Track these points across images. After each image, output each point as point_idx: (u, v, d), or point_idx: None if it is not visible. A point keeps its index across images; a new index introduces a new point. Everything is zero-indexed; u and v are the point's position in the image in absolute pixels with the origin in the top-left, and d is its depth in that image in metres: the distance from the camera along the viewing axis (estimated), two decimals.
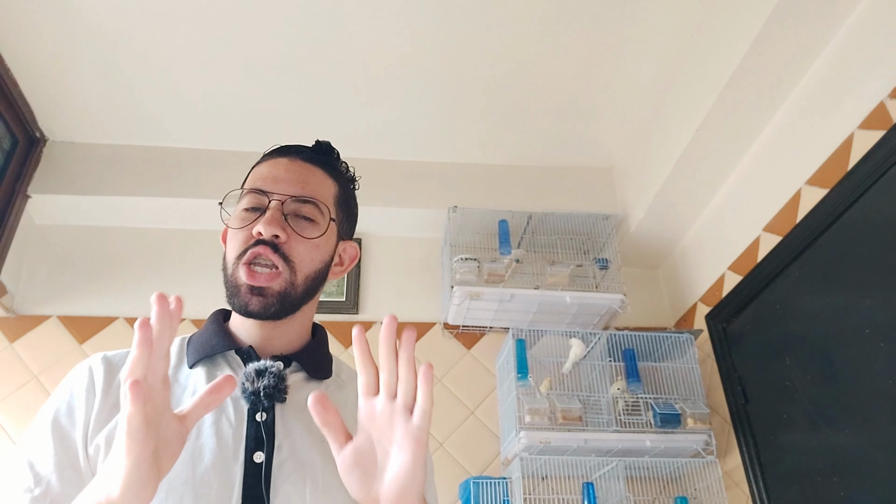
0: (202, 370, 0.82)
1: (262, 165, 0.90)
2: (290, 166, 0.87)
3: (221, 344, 0.84)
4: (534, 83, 2.16)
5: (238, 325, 0.87)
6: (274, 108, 2.23)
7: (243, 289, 0.80)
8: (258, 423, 0.77)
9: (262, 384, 0.77)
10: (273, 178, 0.85)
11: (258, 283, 0.80)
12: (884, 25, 1.56)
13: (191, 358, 0.84)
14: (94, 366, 0.81)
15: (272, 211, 0.82)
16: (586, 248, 2.39)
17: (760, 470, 1.89)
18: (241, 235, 0.82)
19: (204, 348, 0.84)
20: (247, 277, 0.80)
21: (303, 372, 0.86)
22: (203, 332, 0.88)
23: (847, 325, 1.61)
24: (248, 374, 0.78)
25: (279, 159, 0.89)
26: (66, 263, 2.24)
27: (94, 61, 2.02)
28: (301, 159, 0.89)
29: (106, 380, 0.79)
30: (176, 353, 0.85)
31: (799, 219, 1.80)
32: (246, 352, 0.84)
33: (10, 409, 1.96)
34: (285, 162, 0.88)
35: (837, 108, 1.69)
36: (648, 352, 2.14)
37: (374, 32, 1.97)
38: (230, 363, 0.84)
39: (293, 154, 0.90)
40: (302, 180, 0.86)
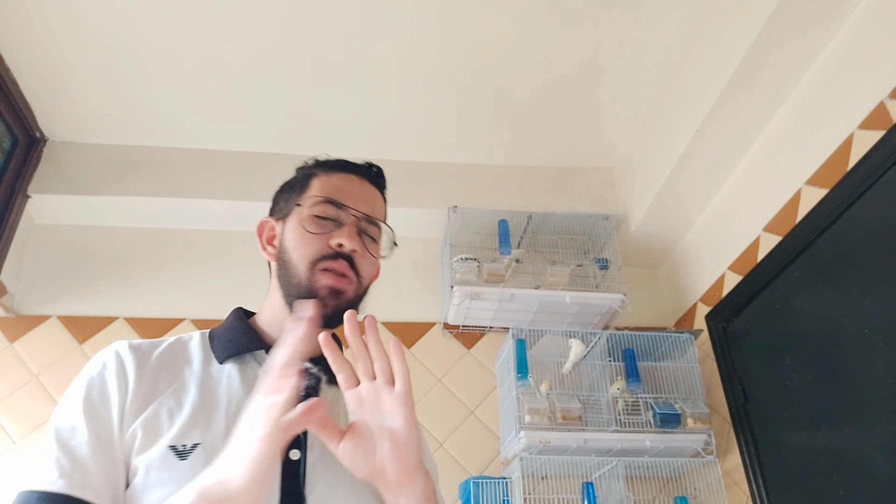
0: (234, 367, 0.83)
1: (332, 177, 0.92)
2: (362, 186, 0.92)
3: (252, 342, 0.86)
4: (534, 83, 2.16)
5: (272, 324, 0.88)
6: (274, 108, 2.23)
7: (324, 291, 0.83)
8: None
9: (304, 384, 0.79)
10: (349, 194, 0.89)
11: (340, 286, 0.83)
12: (884, 25, 1.56)
13: (221, 354, 0.84)
14: (122, 352, 0.80)
15: (351, 226, 0.86)
16: (586, 248, 2.39)
17: (760, 469, 1.89)
18: (318, 242, 0.85)
19: (234, 345, 0.85)
20: (332, 280, 0.83)
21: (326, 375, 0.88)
22: (228, 329, 0.89)
23: (847, 325, 1.61)
24: None
25: (350, 176, 0.93)
26: (66, 263, 2.24)
27: (94, 61, 2.02)
28: (368, 181, 0.94)
29: (138, 367, 0.79)
30: (201, 348, 0.86)
31: (799, 219, 1.80)
32: None
33: (10, 410, 1.96)
34: (357, 181, 0.93)
35: (837, 108, 1.69)
36: (648, 352, 2.14)
37: (375, 32, 1.97)
38: (260, 362, 0.85)
39: (361, 174, 0.94)
40: (372, 202, 0.92)
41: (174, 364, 0.82)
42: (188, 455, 0.72)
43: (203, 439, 0.73)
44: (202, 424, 0.75)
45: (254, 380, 0.81)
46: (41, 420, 1.95)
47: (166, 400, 0.77)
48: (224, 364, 0.83)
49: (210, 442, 0.73)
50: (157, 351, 0.83)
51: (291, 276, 0.85)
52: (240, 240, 2.35)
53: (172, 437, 0.73)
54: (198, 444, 0.73)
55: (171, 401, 0.77)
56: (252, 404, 0.67)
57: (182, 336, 0.88)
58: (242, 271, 2.27)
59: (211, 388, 0.80)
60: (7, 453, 1.90)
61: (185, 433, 0.73)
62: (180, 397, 0.77)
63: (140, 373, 0.78)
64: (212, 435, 0.74)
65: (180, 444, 0.72)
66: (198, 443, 0.73)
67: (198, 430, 0.74)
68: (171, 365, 0.82)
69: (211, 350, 0.86)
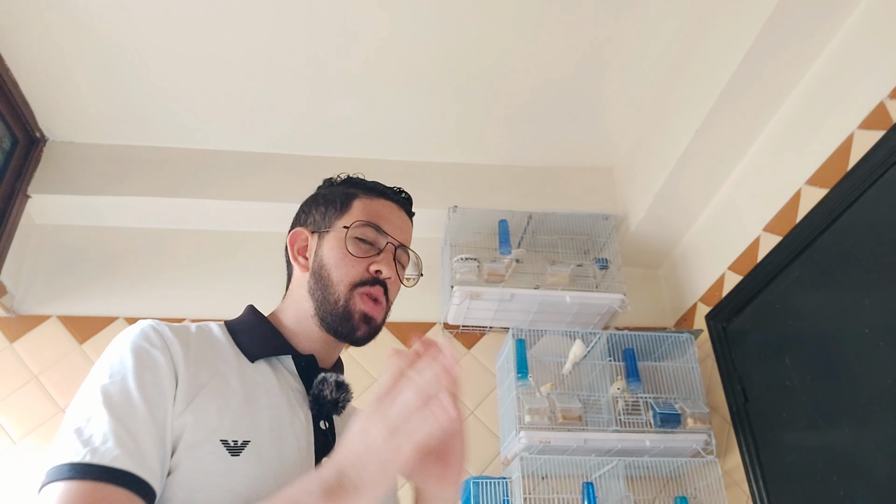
0: (267, 368, 0.82)
1: (374, 203, 0.94)
2: (400, 216, 0.96)
3: (282, 347, 0.86)
4: (534, 83, 2.16)
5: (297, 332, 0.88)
6: (274, 108, 2.23)
7: (358, 316, 0.86)
8: (323, 430, 0.81)
9: (342, 396, 0.83)
10: (389, 222, 0.93)
11: (374, 314, 0.87)
12: (884, 25, 1.56)
13: (251, 352, 0.82)
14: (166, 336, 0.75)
15: (389, 254, 0.90)
16: (586, 248, 2.39)
17: (760, 469, 1.89)
18: (360, 265, 0.88)
19: (265, 346, 0.84)
20: (369, 308, 0.87)
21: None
22: (253, 327, 0.86)
23: (847, 325, 1.61)
24: (330, 384, 0.83)
25: (390, 203, 0.96)
26: (66, 263, 2.24)
27: (94, 61, 2.02)
28: (404, 211, 0.98)
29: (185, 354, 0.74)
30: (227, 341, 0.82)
31: (799, 219, 1.80)
32: (307, 359, 0.86)
33: (10, 410, 1.96)
34: (395, 209, 0.96)
35: (837, 108, 1.69)
36: (648, 352, 2.14)
37: (374, 33, 1.97)
38: (287, 367, 0.84)
39: (400, 203, 0.97)
40: (406, 230, 0.96)
41: (208, 353, 0.78)
42: (240, 452, 0.70)
43: (252, 437, 0.72)
44: (249, 422, 0.73)
45: (287, 385, 0.82)
46: (41, 420, 1.95)
47: (212, 391, 0.73)
48: (256, 363, 0.81)
49: (258, 441, 0.72)
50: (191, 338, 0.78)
51: (329, 294, 0.86)
52: (240, 240, 2.35)
53: (224, 432, 0.70)
54: (248, 442, 0.71)
55: (217, 392, 0.74)
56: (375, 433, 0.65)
57: (203, 325, 0.84)
58: (243, 271, 2.27)
59: (250, 386, 0.77)
60: (7, 453, 1.90)
61: (234, 429, 0.71)
62: (224, 390, 0.75)
63: (186, 361, 0.74)
64: (259, 434, 0.73)
65: (231, 440, 0.70)
66: (248, 440, 0.71)
67: (244, 426, 0.72)
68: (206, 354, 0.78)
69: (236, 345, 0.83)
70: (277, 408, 0.77)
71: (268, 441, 0.73)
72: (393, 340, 2.23)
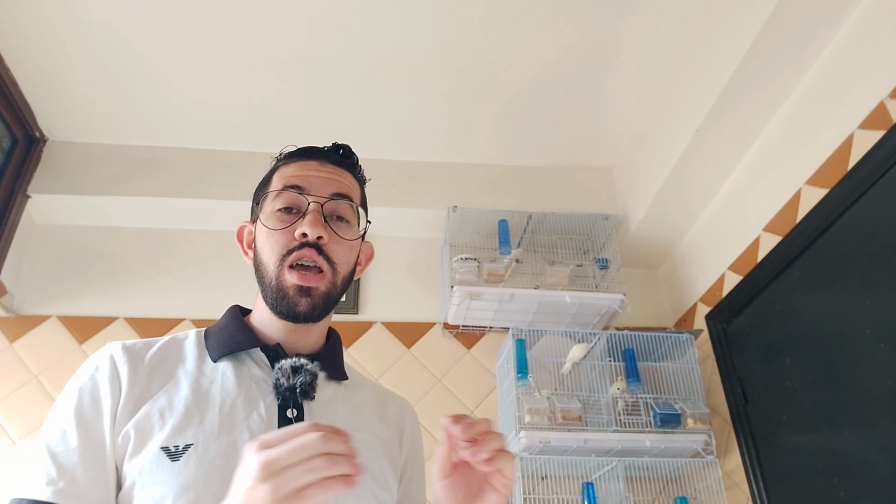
0: (228, 365, 0.81)
1: (290, 166, 0.89)
2: (321, 168, 0.88)
3: (247, 341, 0.84)
4: (534, 83, 2.16)
5: (263, 322, 0.86)
6: (274, 108, 2.23)
7: (292, 290, 0.80)
8: (289, 419, 0.77)
9: (299, 380, 0.78)
10: (307, 179, 0.85)
11: (307, 283, 0.80)
12: (884, 26, 1.56)
13: (215, 352, 0.83)
14: (115, 354, 0.79)
15: (314, 213, 0.82)
16: (586, 248, 2.39)
17: (760, 470, 1.89)
18: (283, 237, 0.82)
19: (228, 344, 0.84)
20: (297, 279, 0.80)
21: (324, 372, 0.86)
22: (223, 327, 0.87)
23: (847, 325, 1.61)
24: (284, 369, 0.78)
25: (308, 162, 0.89)
26: (66, 263, 2.24)
27: (94, 61, 2.02)
28: (330, 162, 0.89)
29: (131, 369, 0.77)
30: (196, 346, 0.84)
31: (799, 219, 1.80)
32: (273, 349, 0.84)
33: (10, 409, 1.96)
34: (315, 164, 0.88)
35: (837, 108, 1.69)
36: (648, 352, 2.14)
37: (374, 32, 1.97)
38: (255, 360, 0.83)
39: (321, 157, 0.90)
40: (336, 181, 0.87)
41: (168, 364, 0.81)
42: (180, 456, 0.71)
43: (196, 439, 0.72)
44: (195, 424, 0.74)
45: (248, 378, 0.81)
46: (41, 420, 1.94)
47: (158, 400, 0.75)
48: (218, 362, 0.82)
49: (203, 442, 0.72)
50: (150, 351, 0.81)
51: (264, 277, 0.83)
52: None
53: (164, 438, 0.72)
54: (190, 445, 0.72)
55: (163, 401, 0.76)
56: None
57: (177, 335, 0.87)
58: (242, 271, 2.26)
59: (204, 387, 0.78)
60: (7, 453, 1.90)
61: (177, 433, 0.72)
62: (172, 397, 0.76)
63: (133, 374, 0.77)
64: (205, 434, 0.73)
65: (172, 445, 0.71)
66: (190, 443, 0.72)
67: (190, 429, 0.73)
68: (165, 365, 0.80)
69: (206, 348, 0.84)
70: (232, 404, 0.77)
71: (215, 440, 0.73)
72: (393, 340, 2.23)
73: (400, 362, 2.20)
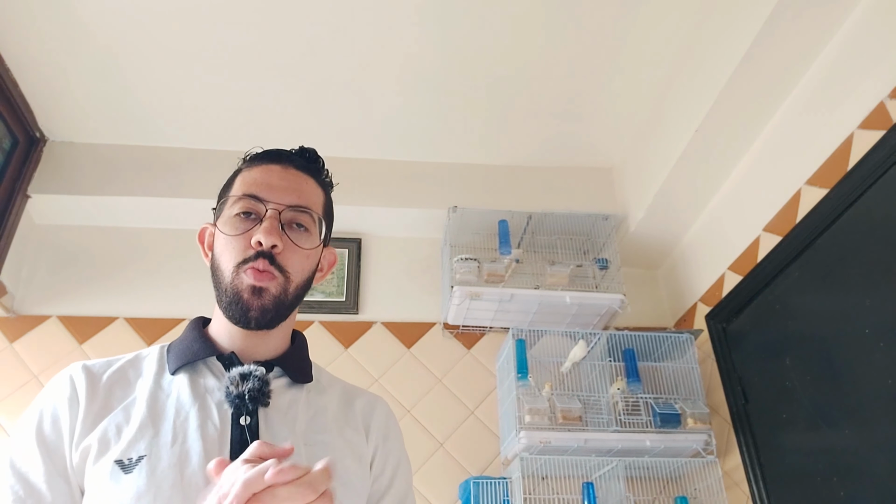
0: (185, 377, 0.82)
1: (252, 171, 0.88)
2: (283, 174, 0.87)
3: (203, 350, 0.84)
4: (534, 83, 2.16)
5: (220, 331, 0.87)
6: (273, 108, 2.23)
7: (246, 293, 0.80)
8: (242, 426, 0.77)
9: (247, 387, 0.77)
10: (268, 186, 0.85)
11: (260, 282, 0.80)
12: (884, 25, 1.56)
13: (172, 364, 0.84)
14: (74, 374, 0.82)
15: (270, 220, 0.82)
16: (586, 249, 2.39)
17: (760, 470, 1.89)
18: (239, 243, 0.82)
19: (185, 355, 0.84)
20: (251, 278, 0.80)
21: (285, 377, 0.86)
22: (183, 339, 0.88)
23: (847, 325, 1.61)
24: (233, 377, 0.78)
25: (271, 166, 0.88)
26: (66, 263, 2.24)
27: (93, 61, 2.02)
28: (294, 167, 0.89)
29: (89, 387, 0.80)
30: (157, 361, 0.85)
31: (799, 219, 1.80)
32: (228, 358, 0.84)
33: (10, 410, 1.96)
34: (278, 169, 0.88)
35: (837, 108, 1.69)
36: (648, 352, 2.14)
37: (374, 33, 1.97)
38: (212, 370, 0.84)
39: (284, 161, 0.89)
40: (297, 189, 0.86)
41: (127, 380, 0.82)
42: (133, 468, 0.72)
43: (149, 451, 0.73)
44: (149, 436, 0.75)
45: (202, 388, 0.81)
46: None
47: (116, 416, 0.77)
48: (176, 374, 0.83)
49: (156, 453, 0.73)
50: (111, 369, 0.83)
51: (220, 281, 0.83)
52: None
53: (119, 452, 0.73)
54: (143, 457, 0.73)
55: (120, 416, 0.77)
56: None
57: (141, 352, 0.88)
58: None
59: (161, 401, 0.79)
60: None
61: (131, 446, 0.73)
62: (130, 412, 0.78)
63: (91, 393, 0.79)
64: (158, 446, 0.74)
65: (126, 458, 0.72)
66: (143, 455, 0.73)
67: (143, 442, 0.74)
68: (125, 381, 0.82)
69: (166, 362, 0.85)
70: (186, 415, 0.77)
71: (168, 451, 0.73)
72: (393, 340, 2.23)
73: (400, 362, 2.20)
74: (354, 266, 2.35)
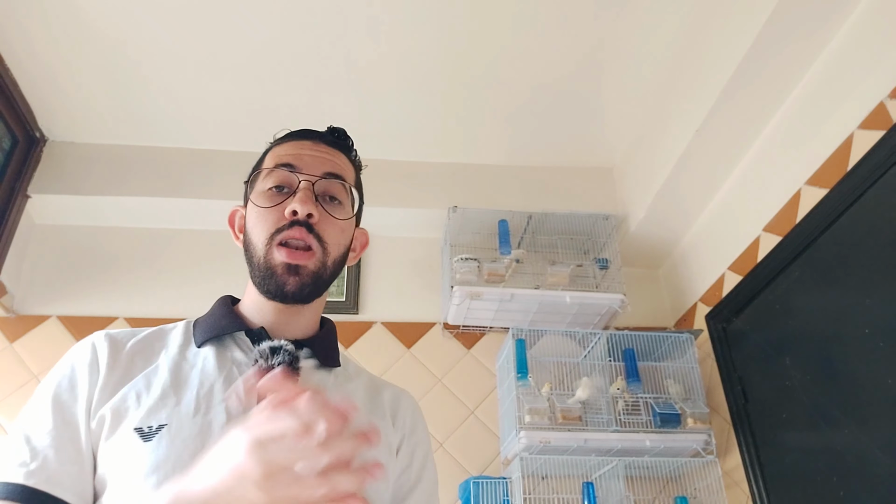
0: (211, 350, 0.81)
1: (283, 146, 0.88)
2: (315, 147, 0.87)
3: (232, 325, 0.83)
4: (534, 83, 2.16)
5: (251, 308, 0.86)
6: (273, 108, 2.23)
7: (280, 268, 0.79)
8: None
9: (277, 360, 0.77)
10: (300, 157, 0.84)
11: (296, 261, 0.79)
12: (884, 25, 1.56)
13: (199, 337, 0.83)
14: (97, 342, 0.80)
15: (305, 190, 0.81)
16: (586, 248, 2.39)
17: (760, 470, 1.89)
18: (273, 215, 0.81)
19: (213, 328, 0.83)
20: (286, 256, 0.79)
21: (314, 359, 0.85)
22: (210, 314, 0.87)
23: (847, 325, 1.61)
24: (263, 350, 0.78)
25: (302, 141, 0.88)
26: (66, 263, 2.24)
27: (94, 61, 2.02)
28: (324, 143, 0.88)
29: (111, 354, 0.78)
30: (182, 334, 0.84)
31: (799, 219, 1.80)
32: (257, 333, 0.83)
33: (11, 409, 1.96)
34: (309, 144, 0.87)
35: (837, 108, 1.69)
36: (648, 352, 2.14)
37: (374, 33, 1.97)
38: (239, 344, 0.82)
39: (314, 137, 0.89)
40: (329, 160, 0.86)
41: (151, 350, 0.81)
42: (153, 436, 0.70)
43: (170, 420, 0.72)
44: (170, 405, 0.73)
45: (229, 361, 0.80)
46: None
47: (136, 384, 0.75)
48: (202, 347, 0.81)
49: (177, 422, 0.72)
50: (134, 338, 0.82)
51: (252, 257, 0.82)
52: None
53: (138, 420, 0.71)
54: (164, 426, 0.71)
55: (141, 384, 0.75)
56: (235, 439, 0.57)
57: (166, 325, 0.86)
58: (242, 271, 2.26)
59: (184, 371, 0.78)
60: None
61: (151, 414, 0.72)
62: (151, 380, 0.76)
63: (113, 360, 0.77)
64: (179, 416, 0.72)
65: (146, 426, 0.71)
66: (164, 424, 0.71)
67: (165, 410, 0.72)
68: (149, 351, 0.80)
69: (192, 335, 0.84)
70: (210, 386, 0.76)
71: (189, 421, 0.72)
72: (393, 340, 2.23)
73: (400, 362, 2.20)
74: (354, 266, 2.35)
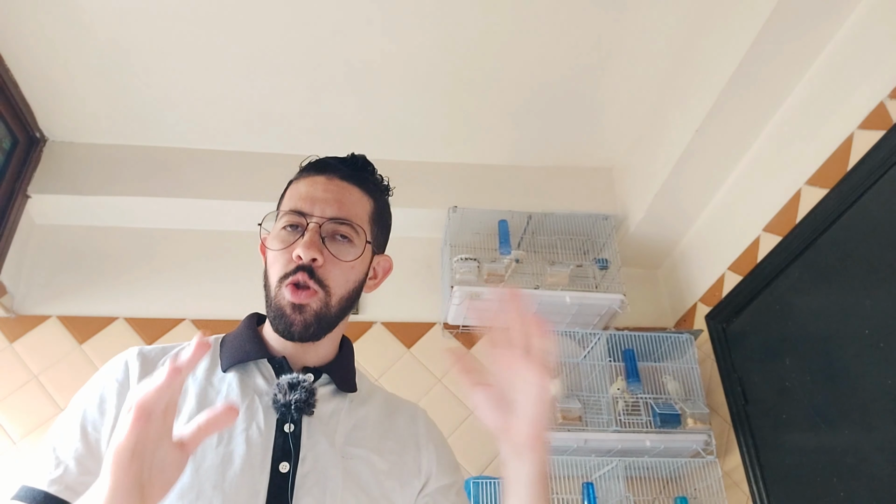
0: (235, 376, 0.84)
1: (300, 183, 0.90)
2: (327, 186, 0.88)
3: (255, 352, 0.86)
4: (534, 83, 2.16)
5: (272, 335, 0.88)
6: (273, 108, 2.23)
7: (287, 308, 0.82)
8: (286, 434, 0.79)
9: (294, 397, 0.80)
10: (311, 199, 0.86)
11: (299, 300, 0.82)
12: (884, 26, 1.56)
13: (225, 362, 0.85)
14: (129, 360, 0.82)
15: (310, 234, 0.83)
16: (586, 249, 2.39)
17: (760, 470, 1.89)
18: (283, 258, 0.84)
19: (238, 354, 0.86)
20: (290, 295, 0.82)
21: (332, 385, 0.88)
22: (237, 335, 0.90)
23: (847, 325, 1.61)
24: (282, 386, 0.80)
25: (317, 177, 0.89)
26: (66, 263, 2.24)
27: (93, 61, 2.02)
28: (338, 177, 0.90)
29: (142, 374, 0.80)
30: (209, 354, 0.86)
31: (799, 219, 1.80)
32: (279, 362, 0.85)
33: (10, 409, 1.96)
34: (323, 181, 0.89)
35: (837, 108, 1.69)
36: (648, 352, 2.14)
37: (374, 32, 1.97)
38: (262, 371, 0.85)
39: (330, 172, 0.90)
40: (339, 200, 0.87)
41: None
42: None
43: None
44: None
45: (253, 388, 0.83)
46: (41, 420, 1.95)
47: None
48: (227, 372, 0.84)
49: (201, 452, 0.74)
50: (165, 357, 0.84)
51: (267, 294, 0.86)
52: (240, 240, 2.35)
53: None
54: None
55: None
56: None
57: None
58: (242, 271, 2.27)
59: (210, 398, 0.81)
60: (7, 453, 1.90)
61: None
62: (180, 406, 0.78)
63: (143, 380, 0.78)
64: (203, 445, 0.74)
65: None
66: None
67: None
68: None
69: (219, 357, 0.87)
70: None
71: (212, 451, 0.74)
72: (393, 340, 2.23)
73: (400, 362, 2.20)
74: None
